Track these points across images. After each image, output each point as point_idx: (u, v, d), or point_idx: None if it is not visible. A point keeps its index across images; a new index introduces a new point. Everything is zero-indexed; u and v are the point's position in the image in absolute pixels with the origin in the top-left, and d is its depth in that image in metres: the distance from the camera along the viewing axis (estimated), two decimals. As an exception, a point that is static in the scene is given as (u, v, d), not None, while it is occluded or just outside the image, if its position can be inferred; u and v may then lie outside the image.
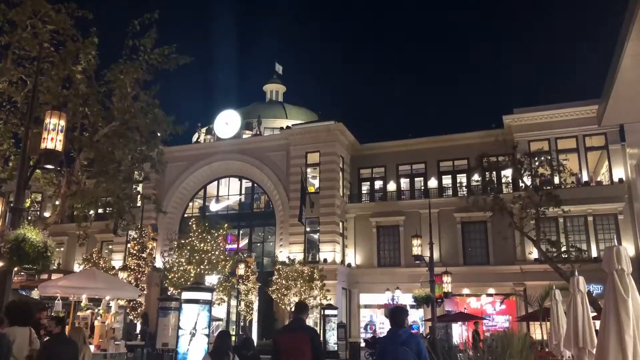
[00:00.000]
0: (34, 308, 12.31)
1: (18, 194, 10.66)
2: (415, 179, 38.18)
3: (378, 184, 39.22)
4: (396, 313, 6.67)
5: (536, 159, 24.42)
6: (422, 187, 37.56)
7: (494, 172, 30.12)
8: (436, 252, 30.86)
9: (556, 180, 30.30)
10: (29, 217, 29.56)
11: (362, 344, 29.96)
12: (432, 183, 37.11)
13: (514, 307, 31.58)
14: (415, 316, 33.68)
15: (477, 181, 34.22)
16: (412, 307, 31.85)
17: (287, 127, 38.97)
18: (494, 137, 30.34)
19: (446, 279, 26.35)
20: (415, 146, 37.65)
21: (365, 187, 39.54)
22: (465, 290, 32.90)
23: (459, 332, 31.59)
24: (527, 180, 25.00)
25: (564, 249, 23.98)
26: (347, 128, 37.34)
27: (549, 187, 25.56)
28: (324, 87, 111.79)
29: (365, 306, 36.38)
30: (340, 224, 36.50)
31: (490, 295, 32.84)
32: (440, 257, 32.77)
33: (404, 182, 38.44)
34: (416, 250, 25.52)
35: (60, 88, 17.27)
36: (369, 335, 32.38)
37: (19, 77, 17.09)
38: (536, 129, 32.82)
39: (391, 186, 38.08)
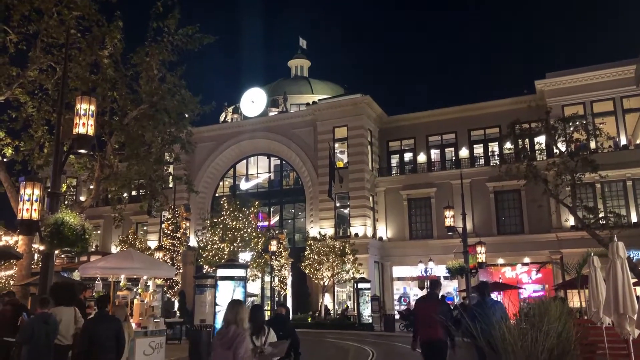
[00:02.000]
0: (77, 289, 12.79)
1: (54, 178, 10.93)
2: (446, 149, 37.63)
3: (407, 156, 38.81)
4: (483, 286, 8.90)
5: (571, 123, 23.58)
6: (453, 158, 37.01)
7: (527, 139, 29.31)
8: (469, 222, 30.55)
9: (592, 145, 29.38)
10: (66, 202, 30.48)
11: (397, 316, 30.10)
12: (463, 153, 36.53)
13: (550, 276, 31.14)
14: (450, 287, 33.64)
15: (510, 149, 33.50)
16: (445, 278, 31.82)
17: (313, 102, 38.75)
18: (526, 104, 29.55)
19: (480, 249, 26.10)
20: (444, 116, 37.00)
21: (394, 160, 39.20)
22: (500, 260, 32.58)
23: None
24: (562, 146, 24.24)
25: (601, 215, 23.29)
26: (374, 100, 36.91)
27: (584, 153, 24.76)
28: (349, 60, 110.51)
29: (398, 279, 36.47)
30: (371, 198, 36.40)
31: (526, 264, 32.44)
32: (473, 228, 32.43)
33: (434, 153, 37.94)
34: (448, 222, 25.25)
35: (88, 73, 17.53)
36: (403, 307, 32.53)
37: (49, 64, 17.40)
38: (570, 93, 31.78)
39: (421, 158, 37.66)
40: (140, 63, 18.07)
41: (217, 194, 41.19)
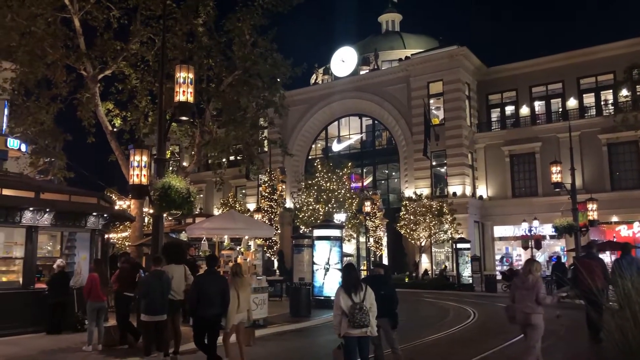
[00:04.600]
0: (186, 248, 13.59)
1: (160, 145, 11.51)
2: (552, 100, 34.87)
3: (509, 109, 36.49)
4: (627, 247, 10.59)
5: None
6: (560, 109, 34.25)
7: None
8: (578, 178, 28.43)
9: None
10: (171, 168, 32.45)
11: (498, 277, 29.08)
12: (572, 103, 33.67)
13: (673, 235, 28.27)
14: (557, 247, 31.84)
15: (626, 97, 30.44)
16: (552, 237, 30.22)
17: (406, 57, 37.46)
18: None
19: (591, 206, 24.22)
20: (550, 64, 34.12)
21: (494, 114, 37.04)
22: (614, 218, 30.12)
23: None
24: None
25: None
26: (471, 52, 34.87)
27: None
28: (443, 10, 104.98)
29: (500, 238, 35.08)
30: (469, 155, 34.93)
31: (644, 221, 29.68)
32: (583, 184, 30.18)
33: (539, 105, 35.33)
34: (555, 178, 23.47)
35: (185, 43, 18.20)
36: (506, 268, 31.35)
37: (148, 36, 18.25)
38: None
39: (524, 110, 35.25)
40: (232, 29, 18.43)
41: (310, 157, 41.73)
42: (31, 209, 11.31)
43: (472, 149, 35.27)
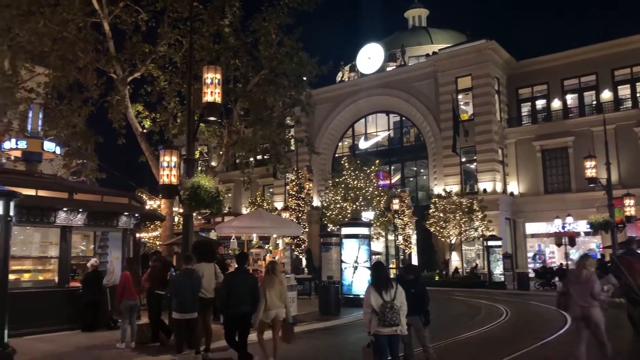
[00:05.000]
0: (215, 246, 13.71)
1: (189, 145, 11.66)
2: (584, 93, 33.91)
3: (540, 103, 35.64)
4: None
5: None
6: (594, 102, 33.29)
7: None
8: (614, 173, 27.54)
9: None
10: (199, 168, 32.84)
11: (531, 274, 28.48)
12: (606, 95, 32.67)
13: None
14: (592, 244, 30.98)
15: (664, 88, 29.33)
16: (586, 234, 29.46)
17: (433, 53, 36.98)
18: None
19: (628, 201, 23.44)
20: (582, 56, 33.19)
21: (525, 109, 36.23)
22: (653, 214, 29.08)
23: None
24: None
25: None
26: (500, 45, 34.19)
27: None
28: (470, 4, 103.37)
29: (532, 235, 34.34)
30: (499, 150, 34.30)
31: (687, 218, 28.56)
32: (619, 179, 29.28)
33: (571, 99, 34.42)
34: (590, 173, 22.80)
35: (211, 44, 18.38)
36: (539, 265, 30.69)
37: (176, 38, 18.50)
38: None
39: (556, 104, 34.39)
40: (258, 29, 18.55)
41: (337, 155, 41.65)
42: (65, 209, 11.57)
43: (502, 145, 34.61)
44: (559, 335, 11.89)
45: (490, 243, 28.17)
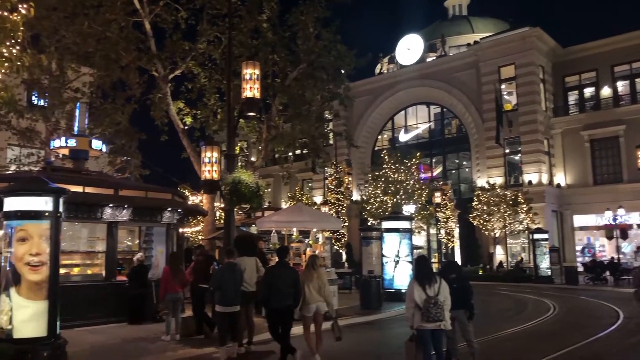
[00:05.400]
0: (256, 241, 13.83)
1: (229, 141, 11.80)
2: (636, 80, 32.32)
3: (588, 91, 34.20)
4: None
5: None
6: (646, 88, 31.70)
7: None
8: (670, 162, 26.17)
9: None
10: (240, 163, 33.26)
11: (580, 268, 27.49)
12: (660, 81, 31.06)
13: None
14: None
15: None
16: (639, 226, 28.16)
17: (475, 42, 36.06)
18: None
19: (686, 193, 22.24)
20: (634, 41, 31.57)
21: (572, 97, 34.84)
22: None
23: None
24: None
25: None
26: (545, 32, 32.98)
27: None
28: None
29: (581, 228, 33.08)
30: (545, 141, 33.16)
31: None
32: (675, 168, 27.79)
33: (622, 85, 32.88)
34: (643, 162, 21.80)
35: (250, 39, 18.49)
36: (588, 259, 29.58)
37: (215, 35, 18.72)
38: None
39: (605, 92, 32.93)
40: (296, 23, 18.54)
41: (376, 148, 41.28)
42: (111, 205, 11.91)
43: (548, 135, 33.46)
44: (610, 331, 11.41)
45: (536, 236, 27.32)
